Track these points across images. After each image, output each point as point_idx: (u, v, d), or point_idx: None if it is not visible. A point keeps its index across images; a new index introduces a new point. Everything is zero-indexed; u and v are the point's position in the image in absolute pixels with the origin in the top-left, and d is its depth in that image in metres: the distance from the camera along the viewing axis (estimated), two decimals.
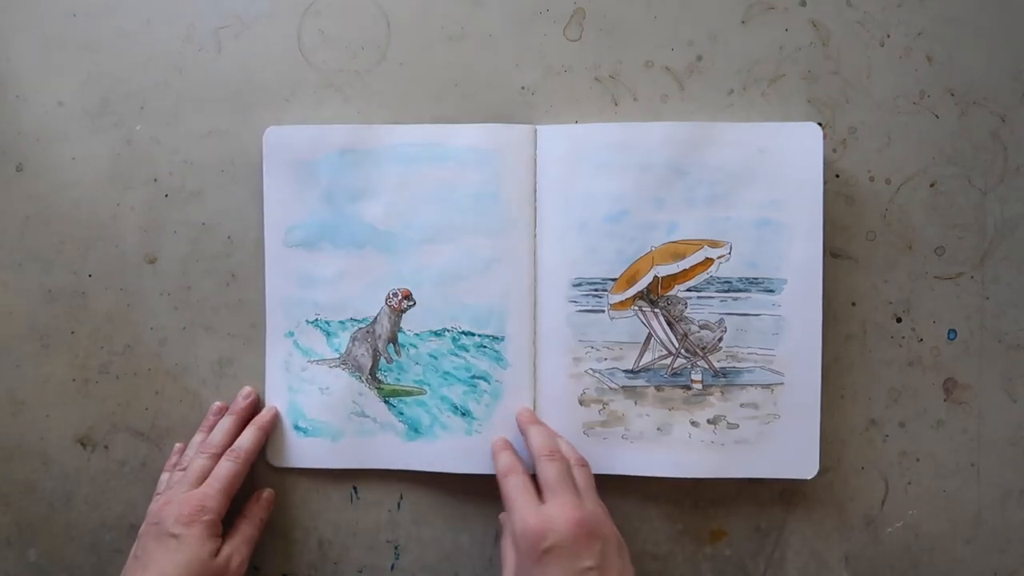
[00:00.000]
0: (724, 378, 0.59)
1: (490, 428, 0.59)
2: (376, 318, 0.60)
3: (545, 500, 0.51)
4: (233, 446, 0.58)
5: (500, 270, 0.59)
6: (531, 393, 0.59)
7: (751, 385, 0.59)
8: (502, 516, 0.55)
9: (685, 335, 0.59)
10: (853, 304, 0.60)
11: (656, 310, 0.59)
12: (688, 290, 0.59)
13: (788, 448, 0.58)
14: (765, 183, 0.58)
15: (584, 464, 0.55)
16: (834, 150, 0.60)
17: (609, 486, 0.60)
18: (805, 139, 0.58)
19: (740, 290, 0.59)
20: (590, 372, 0.59)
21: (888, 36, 0.60)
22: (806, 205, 0.58)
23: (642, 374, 0.59)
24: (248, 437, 0.59)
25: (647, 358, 0.60)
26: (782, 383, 0.58)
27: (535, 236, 0.60)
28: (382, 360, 0.61)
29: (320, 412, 0.61)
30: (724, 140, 0.58)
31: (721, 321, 0.59)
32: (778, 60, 0.60)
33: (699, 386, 0.59)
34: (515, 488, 0.52)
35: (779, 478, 0.59)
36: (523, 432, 0.57)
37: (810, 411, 0.58)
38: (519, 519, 0.50)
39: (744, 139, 0.58)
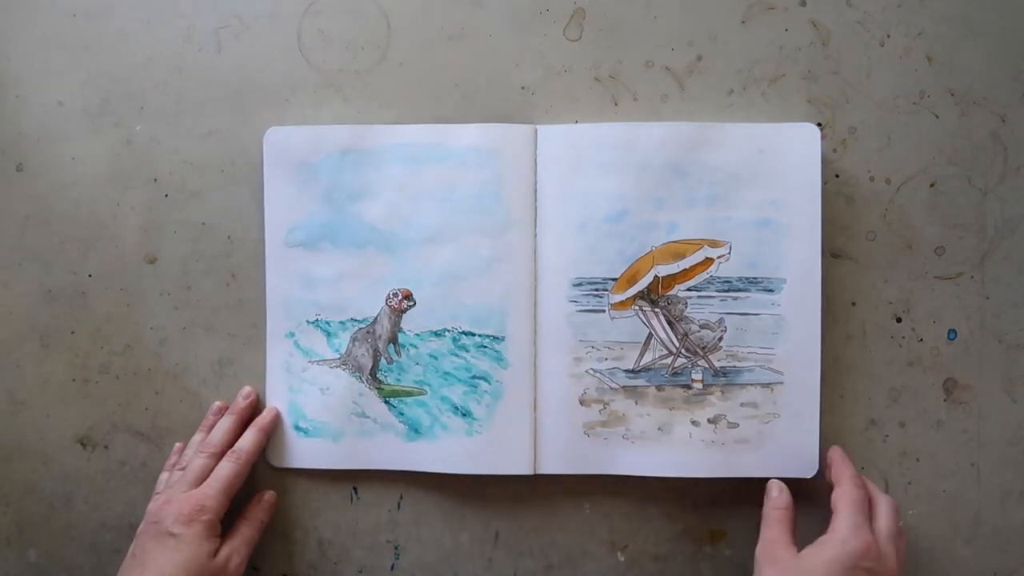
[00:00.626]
0: (724, 377, 0.59)
1: (490, 428, 0.59)
2: (376, 318, 0.60)
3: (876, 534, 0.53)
4: (234, 447, 0.58)
5: (500, 270, 0.59)
6: (531, 393, 0.59)
7: (751, 384, 0.59)
8: (776, 482, 0.57)
9: (685, 335, 0.59)
10: (853, 304, 0.60)
11: (656, 310, 0.59)
12: (688, 290, 0.59)
13: (788, 447, 0.58)
14: (764, 183, 0.58)
15: (903, 536, 0.55)
16: (834, 150, 0.60)
17: (609, 486, 0.60)
18: (803, 139, 0.58)
19: (740, 290, 0.59)
20: (591, 372, 0.59)
21: (888, 36, 0.60)
22: (805, 205, 0.58)
23: (642, 374, 0.59)
24: (249, 438, 0.59)
25: (647, 358, 0.60)
26: (782, 382, 0.58)
27: (535, 236, 0.60)
28: (382, 360, 0.61)
29: (320, 412, 0.61)
30: (724, 140, 0.58)
31: (721, 320, 0.59)
32: (778, 60, 0.60)
33: (699, 386, 0.59)
34: (860, 502, 0.53)
35: (779, 478, 0.59)
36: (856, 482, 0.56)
37: (809, 410, 0.58)
38: (857, 525, 0.52)
39: (743, 139, 0.58)
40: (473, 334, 0.60)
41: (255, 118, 0.61)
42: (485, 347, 0.60)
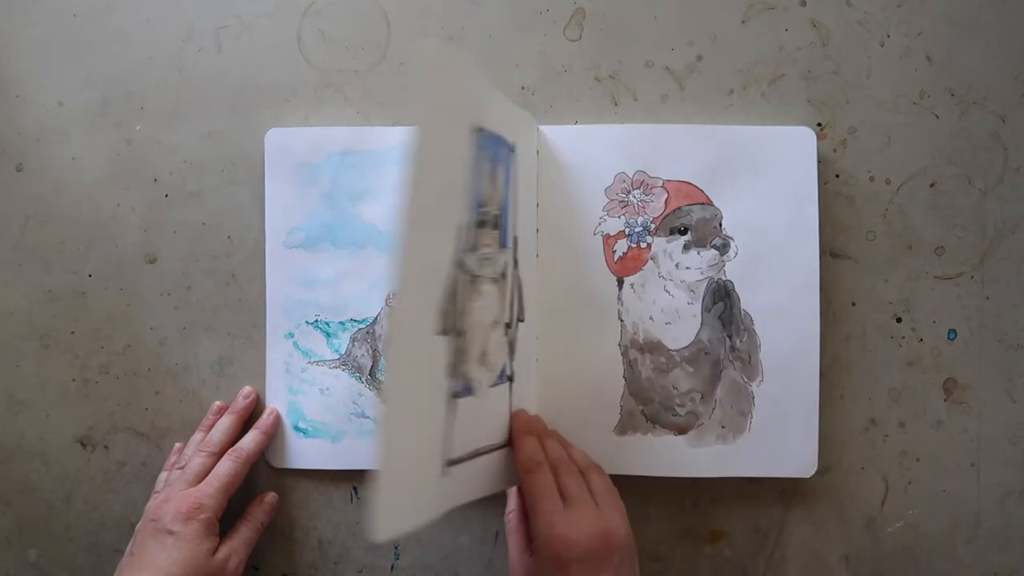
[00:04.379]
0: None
1: None
2: (377, 319, 0.60)
3: (566, 508, 0.49)
4: (235, 446, 0.58)
5: None
6: (533, 394, 0.59)
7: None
8: (513, 491, 0.56)
9: None
10: (853, 304, 0.60)
11: None
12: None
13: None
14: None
15: (598, 468, 0.54)
16: (834, 150, 0.60)
17: None
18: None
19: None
20: None
21: (888, 36, 0.60)
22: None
23: None
24: (250, 439, 0.59)
25: None
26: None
27: (536, 236, 0.60)
28: (383, 360, 0.61)
29: (320, 413, 0.61)
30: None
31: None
32: (778, 60, 0.60)
33: None
34: (542, 490, 0.50)
35: (778, 477, 0.59)
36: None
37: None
38: (545, 523, 0.48)
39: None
40: None
41: (255, 118, 0.61)
42: None
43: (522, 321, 0.57)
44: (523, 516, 0.53)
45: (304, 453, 0.61)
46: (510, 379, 0.55)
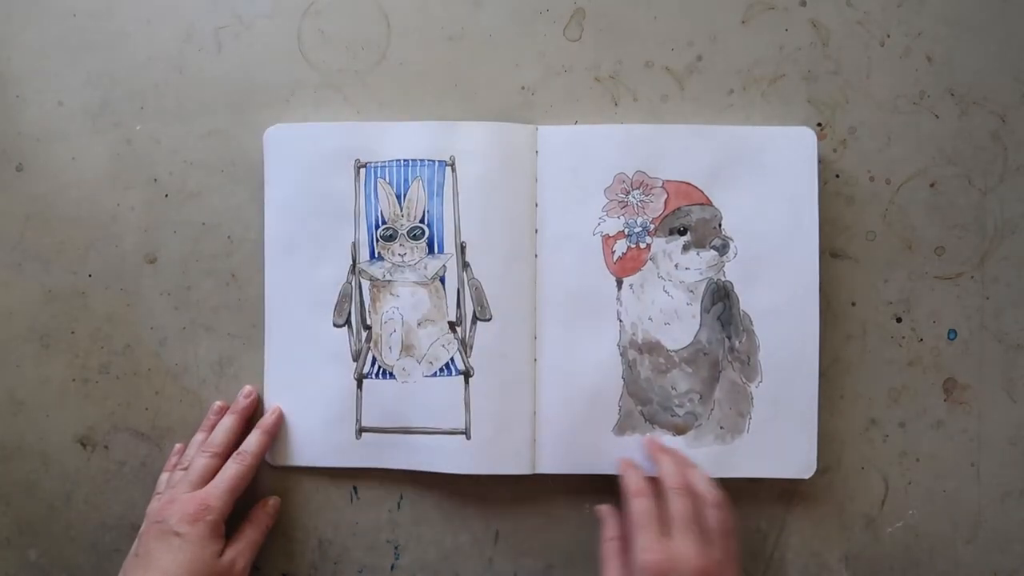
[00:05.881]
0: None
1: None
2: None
3: (670, 535, 0.51)
4: (239, 449, 0.58)
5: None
6: (532, 394, 0.59)
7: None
8: (604, 509, 0.57)
9: None
10: (853, 304, 0.60)
11: None
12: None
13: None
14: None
15: (720, 506, 0.53)
16: (834, 150, 0.60)
17: (609, 486, 0.60)
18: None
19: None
20: None
21: (888, 36, 0.60)
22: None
23: None
24: (254, 440, 0.58)
25: None
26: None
27: (535, 236, 0.60)
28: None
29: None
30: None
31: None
32: (778, 60, 0.60)
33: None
34: (643, 513, 0.52)
35: (777, 478, 0.59)
36: (654, 459, 0.57)
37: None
38: (644, 547, 0.50)
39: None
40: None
41: (255, 118, 0.61)
42: None
43: (484, 320, 0.59)
44: (624, 545, 0.54)
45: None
46: (464, 374, 0.59)
